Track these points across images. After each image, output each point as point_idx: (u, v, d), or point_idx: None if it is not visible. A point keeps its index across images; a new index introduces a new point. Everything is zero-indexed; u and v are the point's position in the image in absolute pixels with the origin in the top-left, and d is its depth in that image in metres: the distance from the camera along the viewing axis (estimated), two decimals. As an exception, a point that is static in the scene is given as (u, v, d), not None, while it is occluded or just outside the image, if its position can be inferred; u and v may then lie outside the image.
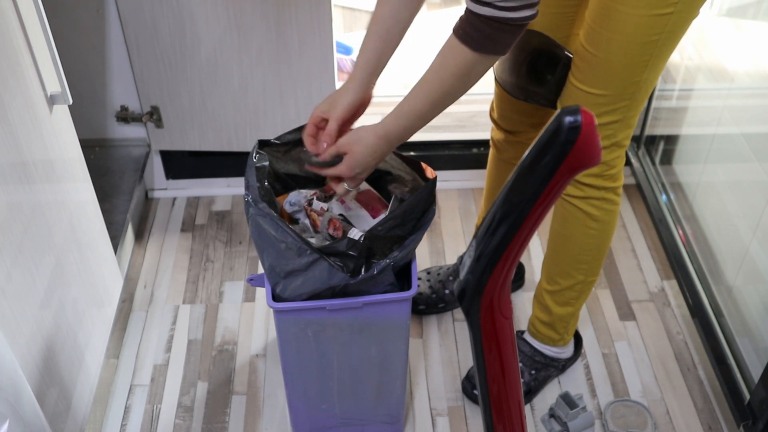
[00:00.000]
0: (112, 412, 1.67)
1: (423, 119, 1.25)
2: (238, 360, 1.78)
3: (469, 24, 1.16)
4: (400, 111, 1.25)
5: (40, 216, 1.31)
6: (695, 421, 1.66)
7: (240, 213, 2.17)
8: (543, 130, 0.63)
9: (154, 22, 1.86)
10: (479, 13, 1.14)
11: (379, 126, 1.26)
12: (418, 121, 1.25)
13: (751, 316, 1.64)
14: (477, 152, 2.25)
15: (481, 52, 1.17)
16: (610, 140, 1.38)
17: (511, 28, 1.15)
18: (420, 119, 1.25)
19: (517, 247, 0.67)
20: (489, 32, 1.15)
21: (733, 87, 1.97)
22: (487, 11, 1.13)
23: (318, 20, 1.86)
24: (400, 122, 1.25)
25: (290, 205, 1.41)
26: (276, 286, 1.33)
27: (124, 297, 1.91)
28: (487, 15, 1.13)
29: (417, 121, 1.25)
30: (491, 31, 1.15)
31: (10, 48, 1.23)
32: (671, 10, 1.23)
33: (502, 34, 1.15)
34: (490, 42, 1.16)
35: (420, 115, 1.24)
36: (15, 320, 1.18)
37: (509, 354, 0.73)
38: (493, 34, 1.15)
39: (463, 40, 1.17)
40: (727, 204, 1.86)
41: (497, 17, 1.13)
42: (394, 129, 1.25)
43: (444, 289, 1.86)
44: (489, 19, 1.13)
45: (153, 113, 2.03)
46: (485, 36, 1.15)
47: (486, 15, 1.13)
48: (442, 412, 1.68)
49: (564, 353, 1.72)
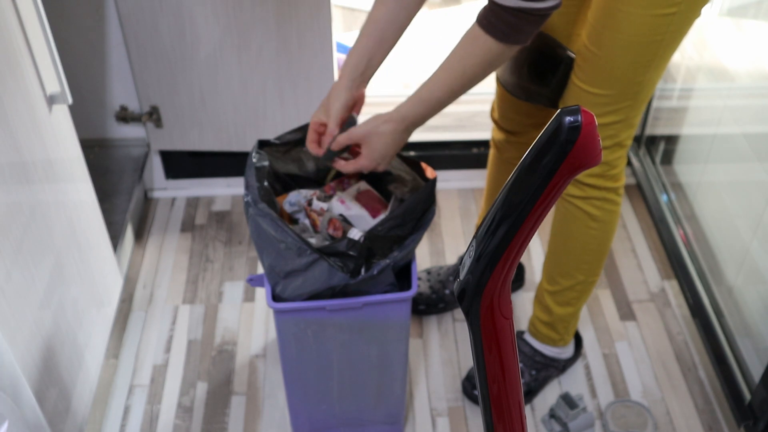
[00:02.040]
0: (112, 413, 1.67)
1: (440, 106, 1.27)
2: (237, 360, 1.78)
3: (493, 14, 1.17)
4: (419, 98, 1.26)
5: (40, 216, 1.31)
6: (696, 422, 1.66)
7: (240, 213, 2.17)
8: (543, 130, 0.62)
9: (154, 22, 1.86)
10: (505, 5, 1.14)
11: (395, 113, 1.27)
12: (436, 108, 1.27)
13: (752, 316, 1.64)
14: (477, 152, 2.25)
15: (505, 42, 1.19)
16: (612, 140, 1.38)
17: (536, 18, 1.17)
18: (438, 106, 1.26)
19: (518, 247, 0.67)
20: (514, 22, 1.16)
21: (733, 87, 1.97)
22: (513, 2, 1.14)
23: (318, 20, 1.86)
24: (418, 109, 1.26)
25: (290, 205, 1.41)
26: (276, 286, 1.32)
27: (124, 297, 1.91)
28: (513, 6, 1.14)
29: (434, 108, 1.27)
30: (516, 21, 1.16)
31: (9, 48, 1.23)
32: (674, 10, 1.22)
33: (527, 24, 1.17)
34: (514, 32, 1.18)
35: (438, 101, 1.26)
36: (14, 320, 1.18)
37: (509, 354, 0.73)
38: (518, 24, 1.16)
39: (488, 30, 1.18)
40: (728, 204, 1.86)
41: (523, 8, 1.14)
42: (411, 115, 1.27)
43: (444, 289, 1.86)
44: (515, 10, 1.15)
45: (152, 113, 2.03)
46: (510, 26, 1.17)
47: (512, 6, 1.14)
48: (442, 412, 1.68)
49: (564, 353, 1.72)
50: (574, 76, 1.36)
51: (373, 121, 1.27)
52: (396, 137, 1.27)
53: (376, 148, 1.27)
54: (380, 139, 1.27)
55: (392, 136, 1.27)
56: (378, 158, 1.29)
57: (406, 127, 1.27)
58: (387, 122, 1.27)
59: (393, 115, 1.27)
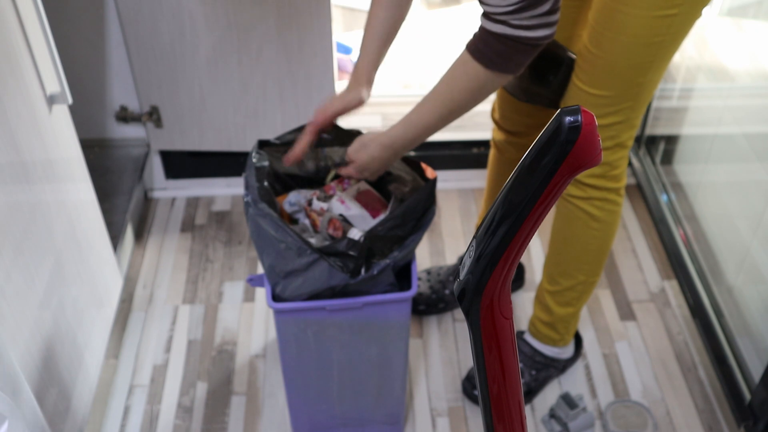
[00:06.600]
0: (112, 413, 1.67)
1: (430, 131, 1.27)
2: (237, 360, 1.78)
3: (482, 41, 1.15)
4: (408, 121, 1.26)
5: (40, 216, 1.31)
6: (696, 422, 1.66)
7: (240, 213, 2.17)
8: (543, 130, 0.62)
9: (154, 22, 1.86)
10: (493, 31, 1.13)
11: (385, 136, 1.28)
12: (425, 133, 1.27)
13: (752, 316, 1.64)
14: (477, 152, 2.25)
15: (493, 69, 1.16)
16: (613, 141, 1.38)
17: (526, 48, 1.14)
18: (427, 131, 1.26)
19: (518, 247, 0.67)
20: (502, 50, 1.14)
21: (733, 87, 1.97)
22: (500, 29, 1.12)
23: (318, 20, 1.86)
24: (408, 133, 1.27)
25: (290, 205, 1.41)
26: (276, 286, 1.32)
27: (124, 297, 1.91)
28: (500, 33, 1.12)
29: (424, 133, 1.27)
30: (504, 49, 1.14)
31: (9, 48, 1.23)
32: (675, 12, 1.22)
33: (516, 53, 1.14)
34: (503, 60, 1.15)
35: (427, 126, 1.26)
36: (14, 320, 1.18)
37: (509, 354, 0.73)
38: (506, 52, 1.14)
39: (476, 56, 1.16)
40: (728, 204, 1.86)
41: (511, 35, 1.12)
42: (400, 140, 1.27)
43: (444, 289, 1.86)
44: (502, 37, 1.12)
45: (152, 113, 2.03)
46: (498, 54, 1.14)
47: (499, 33, 1.12)
48: (442, 413, 1.68)
49: (564, 353, 1.72)
50: (575, 77, 1.36)
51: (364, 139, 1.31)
52: (383, 158, 1.29)
53: (362, 165, 1.30)
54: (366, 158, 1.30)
55: (379, 156, 1.29)
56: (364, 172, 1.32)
57: (395, 150, 1.29)
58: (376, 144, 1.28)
59: (383, 139, 1.28)
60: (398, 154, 1.29)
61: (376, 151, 1.28)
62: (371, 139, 1.30)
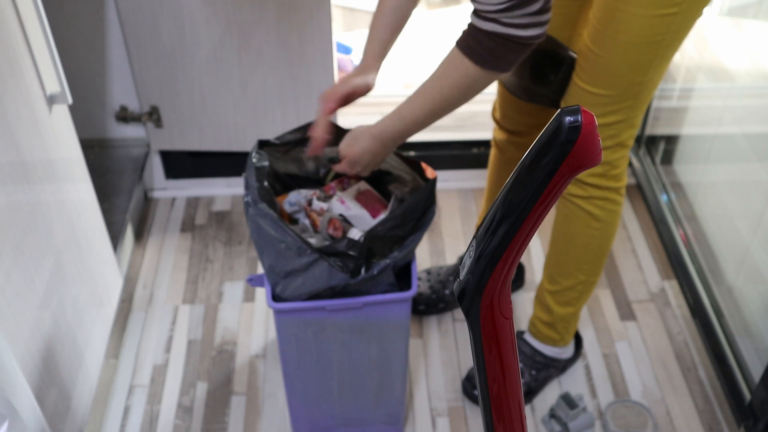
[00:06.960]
0: (112, 413, 1.67)
1: (420, 125, 1.26)
2: (237, 360, 1.78)
3: (472, 38, 1.15)
4: (399, 115, 1.26)
5: (40, 216, 1.31)
6: (696, 422, 1.66)
7: (240, 213, 2.17)
8: (543, 129, 0.62)
9: (154, 22, 1.86)
10: (483, 29, 1.12)
11: (375, 128, 1.28)
12: (415, 127, 1.26)
13: (752, 316, 1.64)
14: (477, 152, 2.25)
15: (484, 67, 1.16)
16: (613, 140, 1.38)
17: (516, 47, 1.13)
18: (417, 125, 1.26)
19: (518, 247, 0.67)
20: (492, 47, 1.13)
21: (733, 87, 1.97)
22: (491, 27, 1.11)
23: (318, 20, 1.86)
24: (397, 126, 1.26)
25: (290, 205, 1.41)
26: (276, 286, 1.32)
27: (124, 297, 1.91)
28: (491, 30, 1.12)
29: (413, 127, 1.26)
30: (495, 47, 1.13)
31: (9, 48, 1.23)
32: (676, 11, 1.22)
33: (507, 51, 1.14)
34: (493, 58, 1.15)
35: (417, 121, 1.25)
36: (14, 320, 1.18)
37: (509, 354, 0.73)
38: (496, 50, 1.14)
39: (467, 53, 1.16)
40: (728, 204, 1.86)
41: (502, 33, 1.12)
42: (389, 132, 1.27)
43: (444, 289, 1.86)
44: (493, 35, 1.12)
45: (152, 113, 2.03)
46: (488, 51, 1.14)
47: (490, 30, 1.12)
48: (442, 413, 1.68)
49: (564, 353, 1.71)
50: (575, 76, 1.36)
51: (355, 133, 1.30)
52: (373, 151, 1.29)
53: (353, 158, 1.30)
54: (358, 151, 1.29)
55: (369, 149, 1.29)
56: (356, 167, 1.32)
57: (384, 142, 1.28)
58: (366, 136, 1.29)
59: (372, 130, 1.28)
60: (388, 146, 1.29)
61: (366, 142, 1.28)
62: (362, 132, 1.30)
